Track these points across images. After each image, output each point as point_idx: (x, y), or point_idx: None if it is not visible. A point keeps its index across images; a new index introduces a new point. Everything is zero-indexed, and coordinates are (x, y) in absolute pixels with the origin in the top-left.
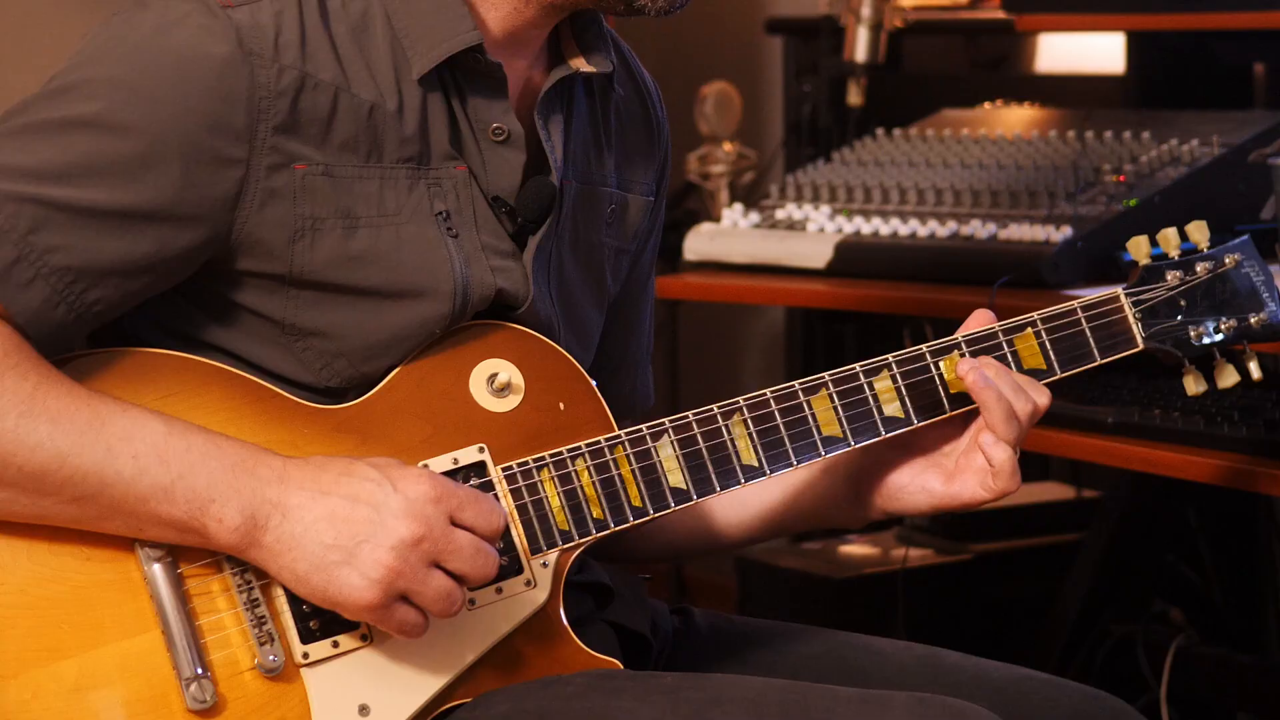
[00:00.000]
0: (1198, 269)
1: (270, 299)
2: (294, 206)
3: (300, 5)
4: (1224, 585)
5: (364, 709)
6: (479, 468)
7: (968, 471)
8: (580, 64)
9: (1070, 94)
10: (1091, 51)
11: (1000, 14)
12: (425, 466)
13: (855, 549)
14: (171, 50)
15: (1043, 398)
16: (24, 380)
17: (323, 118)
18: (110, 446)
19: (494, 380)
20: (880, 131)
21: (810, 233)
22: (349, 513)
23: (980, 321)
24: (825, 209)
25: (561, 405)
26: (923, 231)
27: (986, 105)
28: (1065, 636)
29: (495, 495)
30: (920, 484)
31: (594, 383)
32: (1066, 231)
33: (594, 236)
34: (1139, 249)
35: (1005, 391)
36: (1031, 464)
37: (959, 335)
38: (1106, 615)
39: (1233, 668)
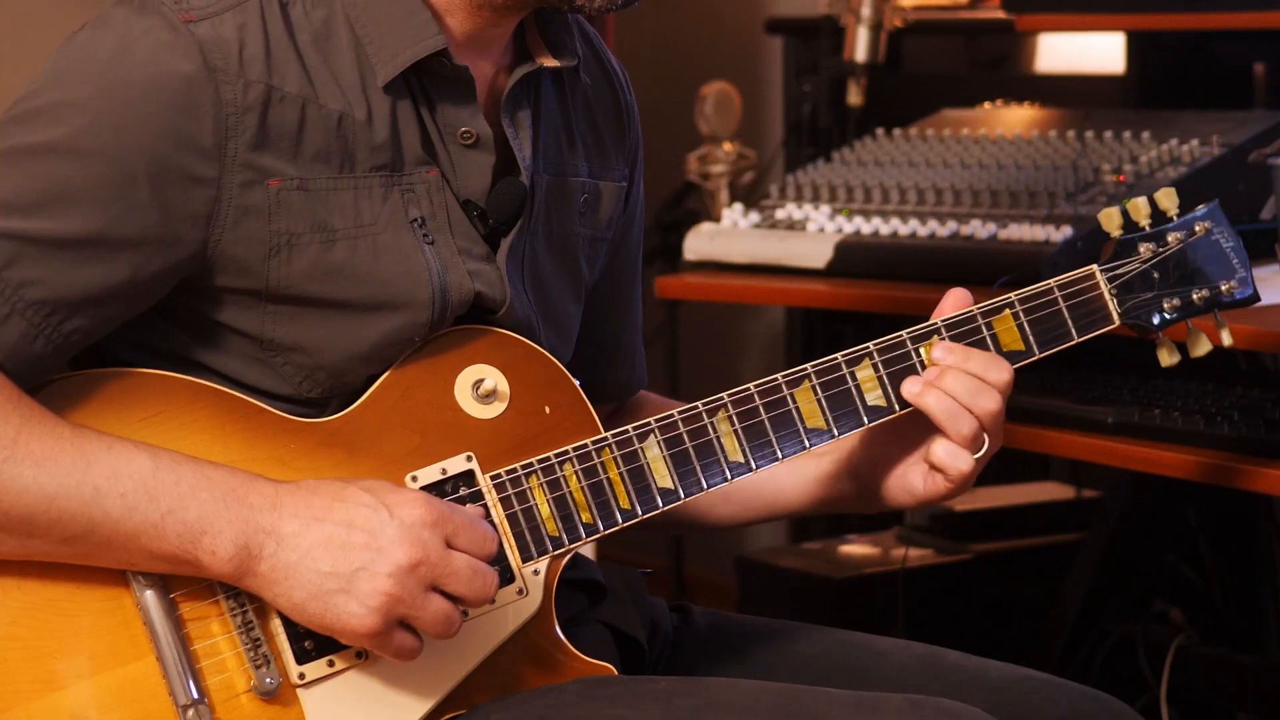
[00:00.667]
0: (1169, 239)
1: (247, 315)
2: (269, 223)
3: (264, 16)
4: (1224, 585)
5: None
6: (467, 476)
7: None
8: (546, 60)
9: (1070, 94)
10: (1091, 51)
11: (1000, 14)
12: (414, 478)
13: (855, 549)
14: (134, 70)
15: (1003, 374)
16: (6, 424)
17: (292, 131)
18: (98, 486)
19: (479, 387)
20: (880, 131)
21: (810, 233)
22: (345, 539)
23: (956, 301)
24: (825, 209)
25: (547, 409)
26: (923, 231)
27: (986, 105)
28: (1065, 636)
29: (485, 504)
30: (911, 478)
31: (578, 383)
32: (1066, 231)
33: (568, 228)
34: (1110, 220)
35: (962, 394)
36: (1031, 464)
37: (938, 320)
38: (1106, 615)
39: (1233, 668)
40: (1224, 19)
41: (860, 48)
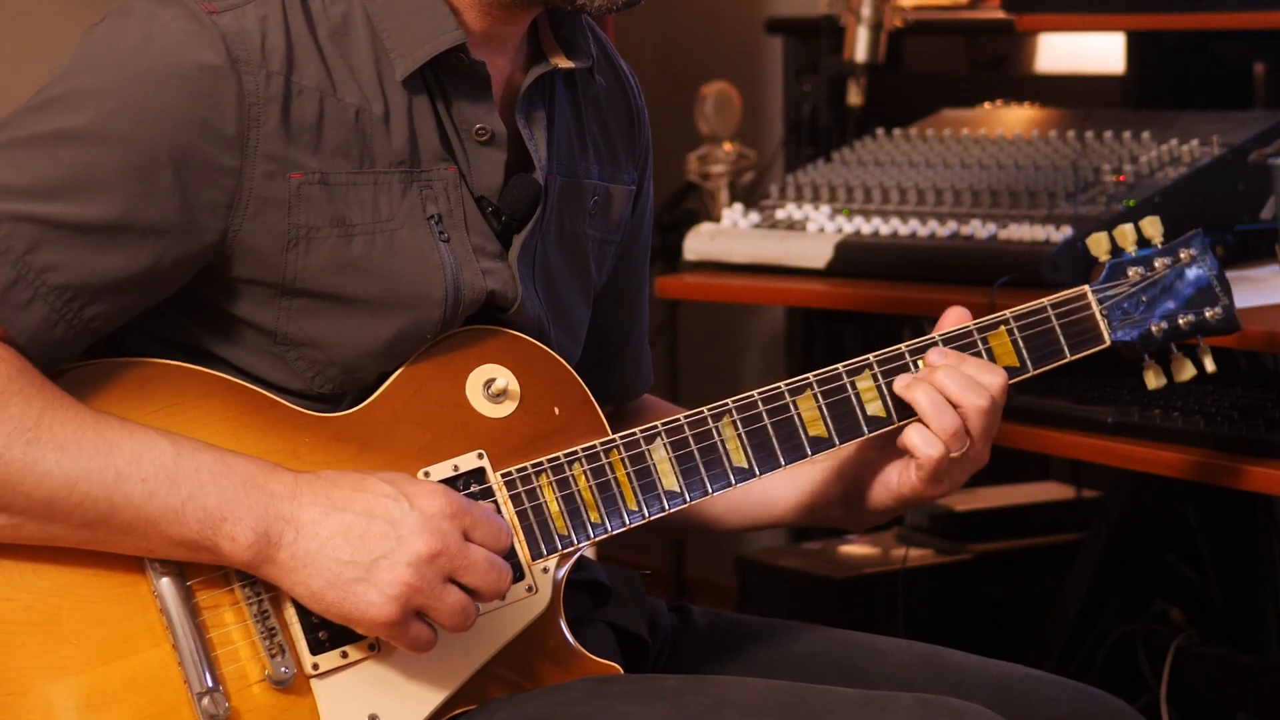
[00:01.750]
0: (1156, 265)
1: (262, 309)
2: (288, 216)
3: (284, 9)
4: (1224, 585)
5: (373, 719)
6: (478, 474)
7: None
8: (560, 60)
9: (1070, 94)
10: (1091, 51)
11: (1000, 14)
12: (426, 474)
13: (855, 549)
14: (158, 59)
15: (996, 378)
16: (29, 406)
17: (312, 124)
18: (120, 471)
19: (490, 386)
20: (880, 131)
21: (810, 233)
22: (365, 528)
23: (955, 318)
24: (825, 209)
25: (556, 410)
26: (923, 231)
27: (986, 105)
28: (1065, 636)
29: (495, 501)
30: (889, 473)
31: (586, 385)
32: (1066, 231)
33: (578, 229)
34: (1099, 245)
35: (951, 388)
36: (1031, 464)
37: (936, 335)
38: (1106, 615)
39: (1233, 668)
40: (1224, 19)
41: (860, 48)
